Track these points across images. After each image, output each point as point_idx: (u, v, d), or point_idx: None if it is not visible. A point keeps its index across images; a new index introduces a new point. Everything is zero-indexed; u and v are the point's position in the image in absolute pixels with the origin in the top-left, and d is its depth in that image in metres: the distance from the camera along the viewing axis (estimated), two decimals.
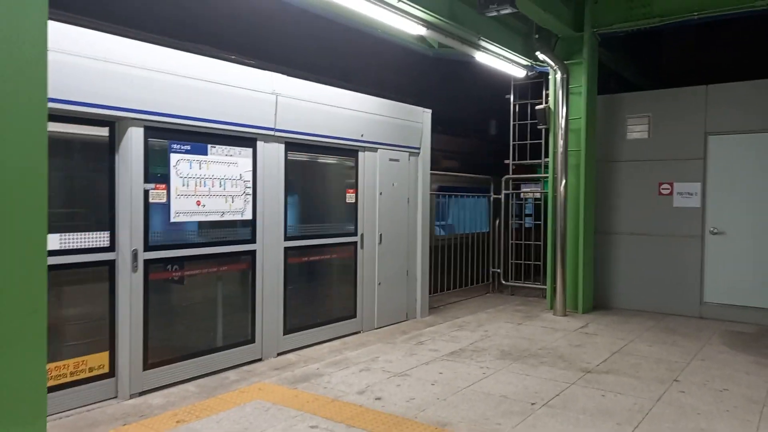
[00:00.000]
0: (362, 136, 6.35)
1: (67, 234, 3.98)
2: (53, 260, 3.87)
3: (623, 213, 8.13)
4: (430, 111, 7.39)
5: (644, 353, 5.70)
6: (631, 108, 8.08)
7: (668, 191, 7.78)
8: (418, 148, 7.23)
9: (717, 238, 7.50)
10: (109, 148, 4.25)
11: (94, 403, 4.09)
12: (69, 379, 3.97)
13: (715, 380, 4.86)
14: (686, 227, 7.66)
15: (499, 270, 9.51)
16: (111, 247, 4.22)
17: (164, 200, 4.50)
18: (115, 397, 4.22)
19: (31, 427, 2.15)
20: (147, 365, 4.38)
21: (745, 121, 7.29)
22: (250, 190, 5.18)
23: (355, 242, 6.43)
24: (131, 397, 4.25)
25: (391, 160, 6.82)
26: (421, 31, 6.17)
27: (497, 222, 9.49)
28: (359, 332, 6.44)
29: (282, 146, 5.48)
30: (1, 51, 2.14)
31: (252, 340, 5.24)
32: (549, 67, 7.81)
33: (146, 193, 4.38)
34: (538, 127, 8.53)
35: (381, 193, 6.69)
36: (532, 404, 4.23)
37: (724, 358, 5.58)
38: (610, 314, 7.69)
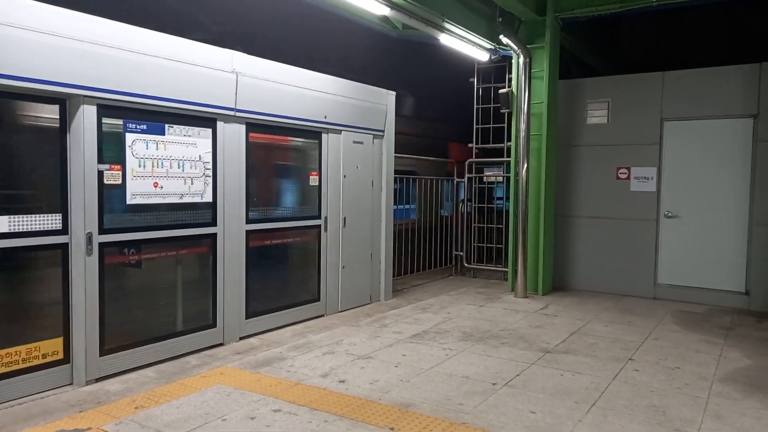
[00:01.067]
0: (326, 117, 6.27)
1: (16, 216, 3.80)
2: (2, 243, 3.71)
3: (583, 196, 8.30)
4: (394, 93, 7.34)
5: (601, 333, 5.87)
6: (592, 93, 8.22)
7: (626, 175, 7.98)
8: (383, 131, 7.19)
9: (671, 221, 7.75)
10: (60, 127, 4.07)
11: (49, 390, 3.96)
12: (21, 366, 3.83)
13: (668, 359, 5.04)
14: (642, 211, 7.88)
15: (461, 253, 9.61)
16: (64, 230, 4.06)
17: (120, 182, 4.35)
18: (71, 383, 4.10)
19: None
20: (103, 351, 4.26)
21: (700, 108, 7.51)
22: (210, 172, 5.06)
23: (319, 225, 6.38)
24: (87, 383, 4.13)
25: (354, 142, 6.76)
26: (385, 11, 6.10)
27: (460, 205, 9.57)
28: (323, 315, 6.42)
29: (243, 127, 5.35)
30: None
31: (213, 325, 5.16)
32: (512, 51, 7.85)
33: (101, 174, 4.22)
34: (501, 110, 8.59)
35: (345, 176, 6.64)
36: (494, 384, 4.30)
37: (676, 337, 5.80)
38: (569, 296, 7.88)
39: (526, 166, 7.65)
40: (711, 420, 3.73)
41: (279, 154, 6.18)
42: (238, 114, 5.24)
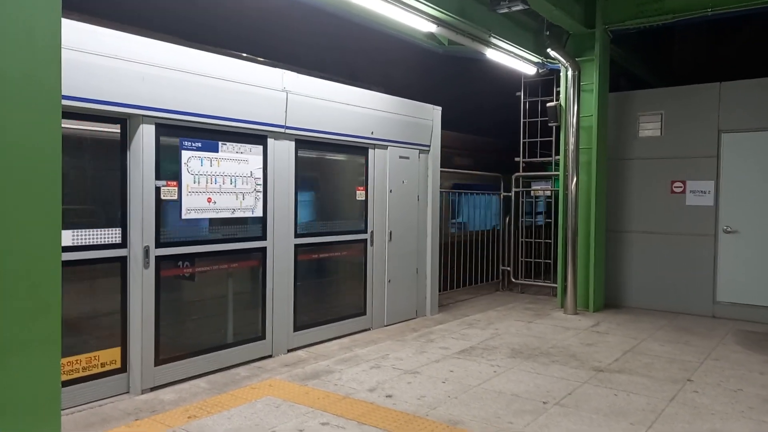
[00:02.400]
0: (372, 133, 6.33)
1: (79, 230, 3.99)
2: (66, 256, 3.89)
3: (635, 211, 8.07)
4: (440, 108, 7.36)
5: (657, 352, 5.65)
6: (643, 105, 8.01)
7: (681, 189, 7.71)
8: (428, 146, 7.20)
9: (730, 236, 7.42)
10: (121, 145, 4.26)
11: (106, 398, 4.11)
12: (81, 374, 3.99)
13: (730, 380, 4.81)
14: (699, 226, 7.59)
15: (509, 268, 9.47)
16: (123, 244, 4.24)
17: (175, 197, 4.51)
18: (127, 392, 4.24)
19: (47, 422, 2.16)
20: (158, 361, 4.40)
21: (759, 119, 7.21)
22: (260, 188, 5.18)
23: (365, 239, 6.42)
24: (143, 392, 4.27)
25: (401, 157, 6.80)
26: (432, 28, 6.14)
27: (507, 220, 9.45)
28: (369, 329, 6.44)
29: (292, 143, 5.47)
30: (16, 49, 2.15)
31: (262, 337, 5.25)
32: (560, 65, 7.76)
33: (158, 189, 4.39)
34: (549, 124, 8.47)
35: (391, 191, 6.67)
36: (544, 403, 4.20)
37: (737, 357, 5.52)
38: (622, 313, 7.63)
39: (575, 180, 7.51)
40: None
41: (327, 170, 6.28)
42: (287, 131, 5.36)
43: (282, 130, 5.31)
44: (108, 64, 3.98)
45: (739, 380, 4.81)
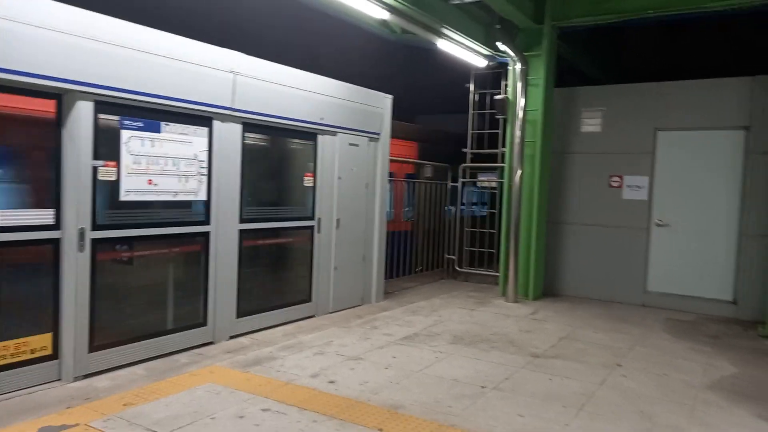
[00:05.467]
0: (322, 119, 6.28)
1: (10, 210, 3.80)
2: None
3: (575, 204, 8.36)
4: (391, 97, 7.37)
5: (590, 339, 5.90)
6: (586, 102, 8.28)
7: (618, 184, 8.04)
8: (378, 134, 7.21)
9: (662, 230, 7.81)
10: (56, 122, 4.06)
11: (37, 385, 3.95)
12: (9, 360, 3.81)
13: (656, 366, 5.08)
14: (634, 219, 7.94)
15: (453, 257, 9.64)
16: (56, 225, 4.06)
17: (114, 178, 4.35)
18: (59, 379, 4.09)
19: None
20: (93, 347, 4.25)
21: (692, 119, 7.58)
22: (205, 171, 5.06)
23: (312, 226, 6.39)
24: (76, 380, 4.12)
25: (350, 144, 6.78)
26: (385, 15, 6.13)
27: (453, 210, 9.60)
28: (314, 316, 6.43)
29: (239, 126, 5.36)
30: None
31: (204, 323, 5.15)
32: (509, 58, 7.90)
33: (95, 170, 4.21)
34: (497, 117, 8.64)
35: (340, 178, 6.65)
36: (483, 388, 4.32)
37: (664, 344, 5.84)
38: (559, 301, 7.92)
39: (519, 172, 7.70)
40: (698, 427, 3.76)
41: (274, 155, 6.19)
42: (234, 113, 5.25)
43: (229, 112, 5.19)
44: (42, 35, 3.77)
45: (665, 366, 5.09)
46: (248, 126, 5.47)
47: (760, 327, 6.62)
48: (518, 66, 7.72)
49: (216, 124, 5.13)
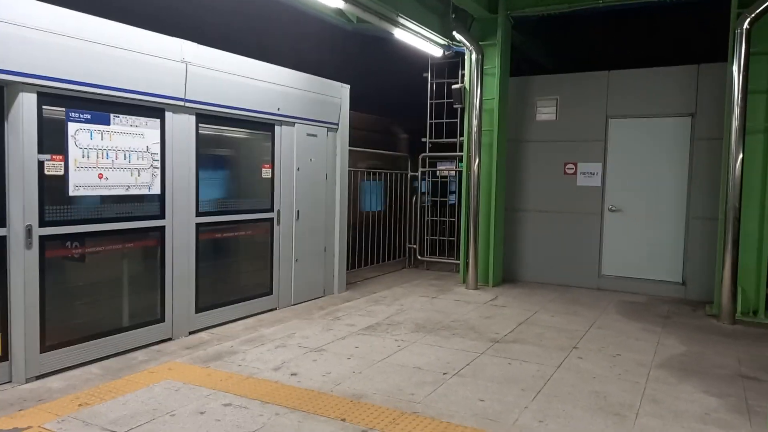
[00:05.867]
0: (279, 109, 6.21)
1: None
2: None
3: (531, 191, 8.53)
4: (348, 86, 7.33)
5: (548, 323, 6.05)
6: (541, 90, 8.43)
7: (573, 171, 8.23)
8: (337, 124, 7.17)
9: (614, 215, 8.05)
10: None
11: None
12: None
13: (610, 347, 5.26)
14: (588, 205, 8.16)
15: (415, 246, 9.71)
16: (2, 223, 3.89)
17: (61, 172, 4.19)
18: (9, 381, 3.94)
19: None
20: (45, 347, 4.11)
21: (642, 107, 7.82)
22: (158, 164, 4.93)
23: (272, 218, 6.32)
24: (27, 381, 3.98)
25: (308, 135, 6.73)
26: (339, 4, 6.08)
27: (414, 199, 9.66)
28: (276, 309, 6.38)
29: (193, 118, 5.25)
30: None
31: (162, 319, 5.05)
32: (465, 48, 7.96)
33: (41, 164, 4.05)
34: (454, 106, 8.71)
35: (298, 169, 6.60)
36: (444, 374, 4.39)
37: (618, 326, 6.04)
38: (519, 287, 8.09)
39: (477, 161, 7.79)
40: (649, 404, 3.92)
41: (230, 146, 6.09)
42: (187, 104, 5.13)
43: (181, 103, 5.07)
44: None
45: (618, 346, 5.27)
46: (202, 117, 5.36)
47: (707, 306, 6.92)
48: (474, 55, 7.78)
49: (168, 115, 5.01)
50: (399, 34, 7.29)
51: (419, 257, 9.63)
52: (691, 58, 7.72)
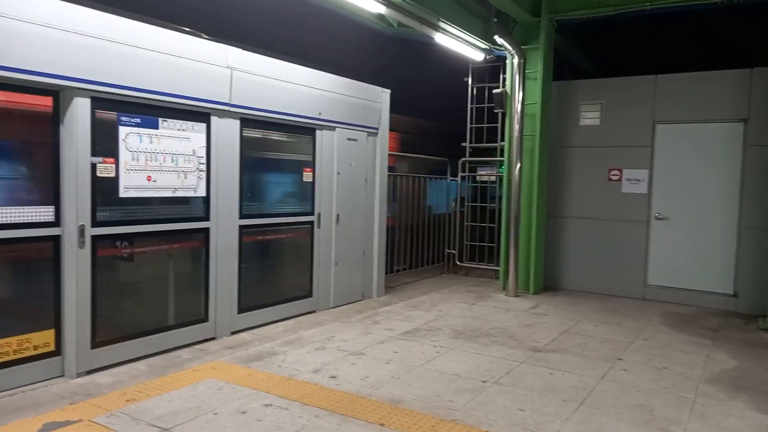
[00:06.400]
0: (320, 114, 6.27)
1: (10, 208, 3.79)
2: None
3: (574, 197, 8.36)
4: (389, 91, 7.36)
5: (590, 333, 5.92)
6: (585, 95, 8.27)
7: (617, 177, 8.04)
8: (377, 128, 7.21)
9: (661, 223, 7.82)
10: (53, 119, 4.05)
11: (39, 382, 3.96)
12: (12, 357, 3.82)
13: (656, 359, 5.10)
14: (633, 212, 7.95)
15: (454, 251, 9.65)
16: (56, 222, 4.06)
17: (113, 174, 4.34)
18: (62, 375, 4.10)
19: None
20: (95, 343, 4.26)
21: (690, 112, 7.58)
22: (203, 167, 5.05)
23: (312, 221, 6.39)
24: (78, 376, 4.13)
25: (349, 139, 6.78)
26: (381, 9, 6.11)
27: (453, 204, 9.60)
28: (315, 311, 6.44)
29: (237, 122, 5.36)
30: None
31: (205, 319, 5.16)
32: (507, 52, 7.89)
33: (93, 166, 4.21)
34: (495, 110, 8.64)
35: (339, 173, 6.65)
36: (483, 382, 4.34)
37: (664, 337, 5.86)
38: (560, 295, 7.93)
39: (518, 166, 7.70)
40: (696, 420, 3.78)
41: (273, 150, 6.18)
42: (232, 109, 5.24)
43: (226, 107, 5.18)
44: (38, 31, 3.76)
45: (665, 359, 5.11)
46: (246, 121, 5.46)
47: (760, 320, 6.63)
48: (516, 59, 7.70)
49: (214, 119, 5.12)
50: (440, 38, 7.28)
51: (458, 263, 9.56)
52: (744, 62, 7.44)
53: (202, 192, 5.06)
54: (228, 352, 4.89)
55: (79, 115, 4.09)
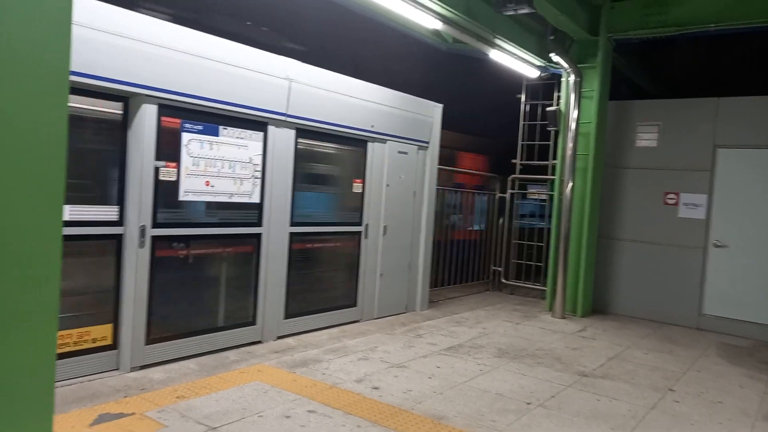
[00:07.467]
0: (372, 126, 6.36)
1: (77, 206, 4.00)
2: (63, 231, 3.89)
3: (627, 220, 8.15)
4: (441, 105, 7.38)
5: (641, 360, 5.73)
6: (642, 115, 8.08)
7: (674, 201, 7.79)
8: (428, 142, 7.24)
9: (720, 251, 7.52)
10: (122, 124, 4.26)
11: (96, 373, 4.13)
12: (72, 348, 4.01)
13: (710, 391, 4.89)
14: (690, 238, 7.68)
15: (500, 268, 9.54)
16: (120, 222, 4.25)
17: (174, 178, 4.52)
18: (117, 369, 4.26)
19: (40, 390, 2.19)
20: (149, 340, 4.42)
21: (755, 136, 7.29)
22: (259, 174, 5.19)
23: (360, 232, 6.45)
24: (132, 370, 4.29)
25: (399, 152, 6.83)
26: (438, 25, 6.15)
27: (500, 220, 9.51)
28: (358, 321, 6.48)
29: (293, 132, 5.49)
30: (25, 22, 2.15)
31: (253, 322, 5.27)
32: (562, 70, 7.80)
33: (157, 170, 4.39)
34: (548, 128, 8.53)
35: (388, 185, 6.70)
36: (528, 404, 4.26)
37: (719, 369, 5.62)
38: (608, 319, 7.72)
39: (570, 185, 7.57)
40: None
41: (325, 160, 6.30)
42: (288, 119, 5.37)
43: (283, 117, 5.32)
44: (112, 41, 3.97)
45: (720, 392, 4.90)
46: (301, 131, 5.59)
47: None
48: (572, 78, 7.61)
49: (271, 129, 5.27)
50: (494, 54, 7.27)
51: (504, 281, 9.44)
52: None
53: (256, 198, 5.19)
54: (274, 356, 4.98)
55: (146, 120, 4.28)
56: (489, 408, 4.11)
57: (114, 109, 4.21)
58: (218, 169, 4.84)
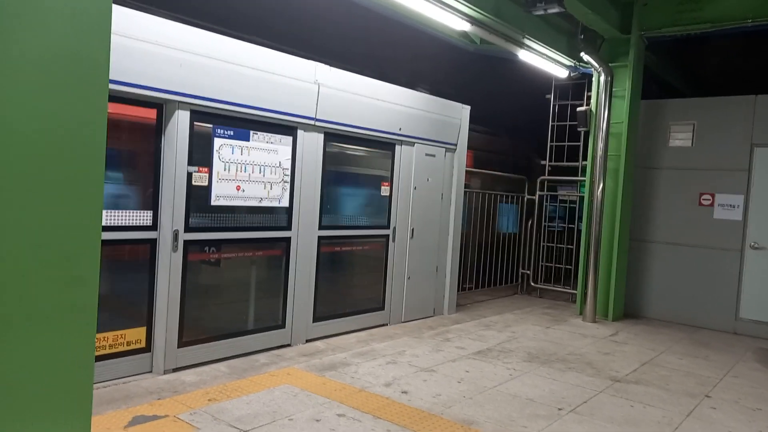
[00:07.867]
0: (400, 129, 6.35)
1: (112, 211, 4.09)
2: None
3: (661, 221, 7.97)
4: (468, 107, 7.34)
5: (675, 365, 5.61)
6: (675, 115, 7.90)
7: (709, 202, 7.60)
8: (455, 145, 7.20)
9: (757, 253, 7.30)
10: (156, 129, 4.35)
11: (130, 375, 4.22)
12: (107, 351, 4.10)
13: (748, 398, 4.76)
14: (726, 240, 7.48)
15: (528, 271, 9.43)
16: (154, 227, 4.33)
17: (206, 183, 4.59)
18: (150, 371, 4.35)
19: (78, 390, 2.25)
20: (181, 343, 4.49)
21: None
22: (288, 178, 5.24)
23: (387, 235, 6.46)
24: (165, 372, 4.37)
25: (427, 155, 6.81)
26: (466, 27, 6.12)
27: (530, 223, 9.41)
28: (386, 325, 6.48)
29: (321, 136, 5.52)
30: (65, 31, 2.21)
31: (282, 325, 5.32)
32: (593, 69, 7.68)
33: (189, 175, 4.47)
34: (578, 129, 8.40)
35: (415, 188, 6.69)
36: (559, 409, 4.21)
37: (757, 376, 5.46)
38: (641, 323, 7.57)
39: (602, 186, 7.45)
40: None
41: (353, 164, 6.32)
42: (317, 123, 5.41)
43: (312, 122, 5.36)
44: (147, 49, 4.06)
45: (758, 399, 4.76)
46: (329, 135, 5.62)
47: None
48: (603, 77, 7.49)
49: (300, 133, 5.31)
50: (523, 55, 7.20)
51: (532, 284, 9.33)
52: None
53: (285, 203, 5.24)
54: (303, 359, 5.01)
55: (180, 126, 4.36)
56: (519, 413, 4.07)
57: (149, 116, 4.30)
58: (249, 173, 4.90)
